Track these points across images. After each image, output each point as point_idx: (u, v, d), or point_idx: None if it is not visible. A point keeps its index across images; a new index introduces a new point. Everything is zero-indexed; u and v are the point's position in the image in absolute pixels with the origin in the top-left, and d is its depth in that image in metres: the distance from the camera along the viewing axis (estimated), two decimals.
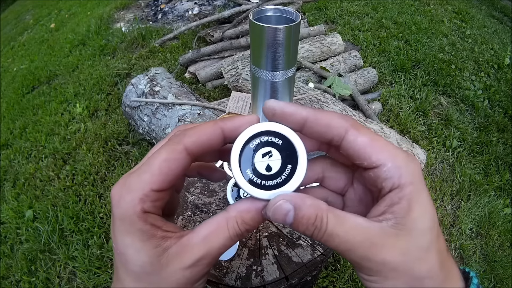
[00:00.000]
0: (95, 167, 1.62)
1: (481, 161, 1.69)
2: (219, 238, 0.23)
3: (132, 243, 0.21)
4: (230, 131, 0.24)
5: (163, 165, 0.22)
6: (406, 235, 0.21)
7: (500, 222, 1.43)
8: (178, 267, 0.22)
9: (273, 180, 0.23)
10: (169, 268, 0.22)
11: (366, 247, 0.21)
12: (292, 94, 0.55)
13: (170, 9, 3.07)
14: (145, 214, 0.21)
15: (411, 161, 0.22)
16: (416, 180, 0.22)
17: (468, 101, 2.05)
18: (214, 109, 1.43)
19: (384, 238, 0.21)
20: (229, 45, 2.13)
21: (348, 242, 0.21)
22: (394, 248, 0.21)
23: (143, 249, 0.21)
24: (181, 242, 0.22)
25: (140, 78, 1.62)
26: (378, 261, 0.21)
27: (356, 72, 1.96)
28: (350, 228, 0.21)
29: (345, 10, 2.93)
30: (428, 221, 0.22)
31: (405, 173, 0.22)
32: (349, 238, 0.21)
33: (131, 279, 0.22)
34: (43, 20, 4.10)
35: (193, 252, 0.22)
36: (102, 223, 1.39)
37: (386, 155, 0.22)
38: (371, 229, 0.21)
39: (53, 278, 1.25)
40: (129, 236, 0.21)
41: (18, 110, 2.28)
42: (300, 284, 0.57)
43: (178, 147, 0.22)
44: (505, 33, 2.97)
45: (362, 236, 0.21)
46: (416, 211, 0.21)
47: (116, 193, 0.22)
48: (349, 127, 0.22)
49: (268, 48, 0.45)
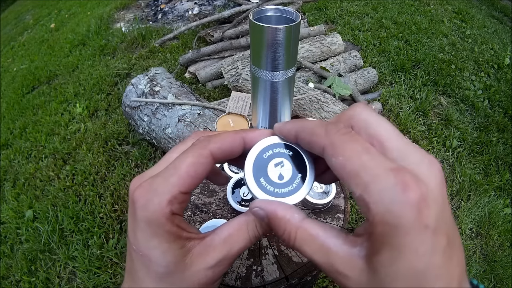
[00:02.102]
0: (95, 167, 1.62)
1: (481, 161, 1.69)
2: (240, 240, 0.24)
3: (159, 245, 0.22)
4: (251, 141, 0.25)
5: (190, 169, 0.22)
6: (373, 275, 0.18)
7: (500, 222, 1.43)
8: (202, 267, 0.23)
9: (285, 188, 0.24)
10: (192, 267, 0.22)
11: (331, 273, 0.20)
12: (292, 94, 0.55)
13: (170, 9, 3.07)
14: (172, 216, 0.22)
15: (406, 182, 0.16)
16: (408, 217, 0.16)
17: (468, 101, 2.05)
18: (214, 109, 1.43)
19: (350, 269, 0.19)
20: (229, 45, 2.13)
21: (315, 261, 0.20)
22: (359, 283, 0.18)
23: (170, 250, 0.22)
24: (204, 243, 0.23)
25: (140, 78, 1.62)
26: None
27: (356, 72, 1.96)
28: (316, 249, 0.20)
29: (345, 10, 2.93)
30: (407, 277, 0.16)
31: (408, 212, 0.16)
32: (315, 258, 0.20)
33: (152, 280, 0.22)
34: (43, 20, 4.10)
35: (215, 252, 0.23)
36: (102, 223, 1.39)
37: (367, 178, 0.17)
38: (338, 256, 0.19)
39: (53, 278, 1.25)
40: (156, 238, 0.21)
41: (18, 110, 2.28)
42: (300, 284, 0.57)
43: (204, 152, 0.23)
44: (505, 33, 2.97)
45: (327, 261, 0.20)
46: (390, 258, 0.17)
47: (141, 196, 0.22)
48: (326, 145, 0.20)
49: (268, 48, 0.45)
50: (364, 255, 0.18)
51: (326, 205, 0.63)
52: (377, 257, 0.17)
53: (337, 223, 0.62)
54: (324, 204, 0.62)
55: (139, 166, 1.62)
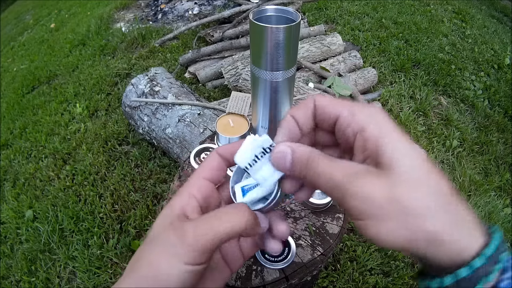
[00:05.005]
0: (95, 167, 1.62)
1: (481, 161, 1.69)
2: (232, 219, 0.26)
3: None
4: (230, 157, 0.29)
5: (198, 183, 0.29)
6: (386, 172, 0.21)
7: (500, 222, 1.43)
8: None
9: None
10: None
11: (349, 182, 0.21)
12: (292, 94, 0.55)
13: (170, 9, 3.07)
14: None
15: (370, 107, 0.24)
16: (377, 119, 0.23)
17: (468, 101, 2.05)
18: (214, 109, 1.43)
19: (367, 174, 0.21)
20: (229, 45, 2.13)
21: (332, 180, 0.22)
22: (375, 182, 0.20)
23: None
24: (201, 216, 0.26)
25: (140, 78, 1.62)
26: (363, 196, 0.20)
27: (356, 72, 1.96)
28: (337, 166, 0.23)
29: (345, 10, 2.93)
30: (405, 153, 0.21)
31: (361, 116, 0.23)
32: (332, 176, 0.22)
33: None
34: (43, 20, 4.10)
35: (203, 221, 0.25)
36: (102, 223, 1.39)
37: (342, 107, 0.24)
38: (355, 166, 0.22)
39: (53, 278, 1.25)
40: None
41: (18, 110, 2.28)
42: (300, 284, 0.57)
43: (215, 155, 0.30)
44: (505, 33, 2.97)
45: (345, 171, 0.22)
46: (388, 147, 0.21)
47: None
48: (316, 96, 0.26)
49: (268, 48, 0.45)
50: (373, 166, 0.22)
51: (326, 205, 0.63)
52: (383, 152, 0.21)
53: (337, 223, 0.62)
54: (324, 204, 0.62)
55: (139, 166, 1.62)
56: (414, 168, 0.20)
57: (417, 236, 0.19)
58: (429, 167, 0.21)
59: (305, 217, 0.62)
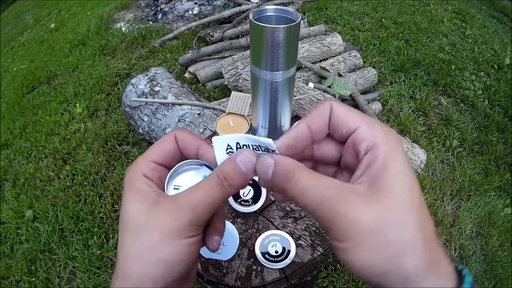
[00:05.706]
0: (95, 167, 1.62)
1: (481, 161, 1.69)
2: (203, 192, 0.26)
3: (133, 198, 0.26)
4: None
5: (159, 147, 0.29)
6: (380, 196, 0.20)
7: (500, 222, 1.43)
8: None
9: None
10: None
11: (336, 201, 0.21)
12: (292, 94, 0.55)
13: (170, 9, 3.07)
14: (144, 177, 0.27)
15: (386, 128, 0.24)
16: (392, 142, 0.23)
17: (468, 101, 2.05)
18: (214, 109, 1.43)
19: (356, 196, 0.21)
20: (229, 45, 2.13)
21: (317, 197, 0.21)
22: (366, 206, 0.20)
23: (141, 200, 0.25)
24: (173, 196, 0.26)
25: (140, 78, 1.62)
26: (348, 219, 0.20)
27: (356, 72, 1.96)
28: (322, 184, 0.22)
29: (345, 10, 2.93)
30: (405, 184, 0.21)
31: (379, 134, 0.23)
32: (320, 192, 0.22)
33: (130, 238, 0.24)
34: (43, 20, 4.10)
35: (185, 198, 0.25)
36: (102, 223, 1.39)
37: (362, 120, 0.24)
38: (344, 186, 0.22)
39: (53, 278, 1.25)
40: (130, 194, 0.26)
41: (18, 110, 2.28)
42: (300, 284, 0.57)
43: (171, 136, 0.29)
44: (505, 33, 2.97)
45: (333, 191, 0.21)
46: (392, 171, 0.21)
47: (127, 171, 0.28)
48: (332, 103, 0.26)
49: (268, 48, 0.45)
50: (366, 187, 0.22)
51: None
52: (386, 173, 0.21)
53: None
54: None
55: None
56: (407, 200, 0.20)
57: (394, 271, 0.19)
58: (421, 202, 0.21)
59: (305, 217, 0.62)
